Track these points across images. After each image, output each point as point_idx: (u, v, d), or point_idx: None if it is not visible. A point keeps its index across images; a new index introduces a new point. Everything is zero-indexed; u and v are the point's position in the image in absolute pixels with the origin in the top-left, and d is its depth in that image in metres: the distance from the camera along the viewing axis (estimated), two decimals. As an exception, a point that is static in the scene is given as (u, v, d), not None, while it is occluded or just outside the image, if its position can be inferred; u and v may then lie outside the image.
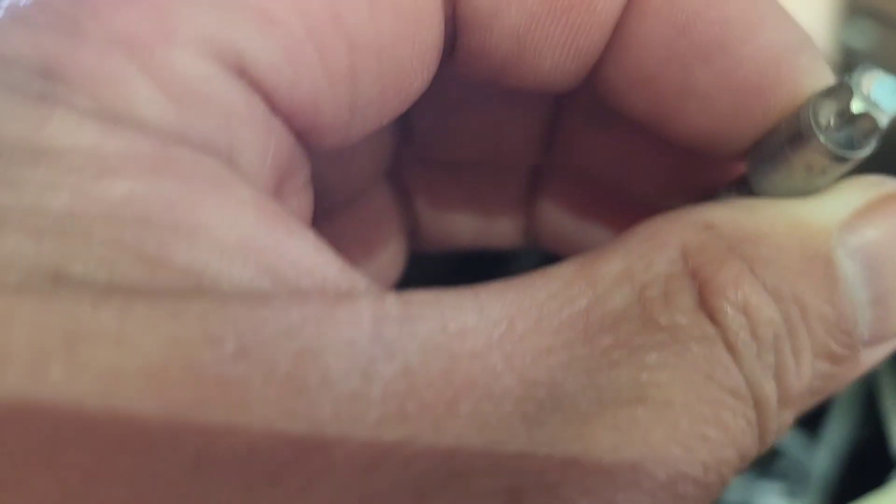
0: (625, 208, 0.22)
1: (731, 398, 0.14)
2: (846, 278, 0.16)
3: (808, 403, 0.16)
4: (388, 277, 0.23)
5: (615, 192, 0.21)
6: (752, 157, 0.17)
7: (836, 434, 0.80)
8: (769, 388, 0.15)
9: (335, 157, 0.19)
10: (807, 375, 0.15)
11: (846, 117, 0.15)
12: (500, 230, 0.23)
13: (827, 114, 0.15)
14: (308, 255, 0.13)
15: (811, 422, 0.85)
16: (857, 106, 0.14)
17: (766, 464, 0.85)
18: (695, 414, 0.13)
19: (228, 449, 0.10)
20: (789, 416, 0.15)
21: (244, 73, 0.14)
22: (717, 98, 0.17)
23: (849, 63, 0.77)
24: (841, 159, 0.15)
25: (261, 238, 0.13)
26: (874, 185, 0.17)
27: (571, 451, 0.12)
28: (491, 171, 0.23)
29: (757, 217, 0.16)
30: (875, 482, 0.74)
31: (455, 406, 0.12)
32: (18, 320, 0.10)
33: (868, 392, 0.78)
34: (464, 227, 0.23)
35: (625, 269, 0.15)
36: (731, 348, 0.14)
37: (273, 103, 0.15)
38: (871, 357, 0.17)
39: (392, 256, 0.23)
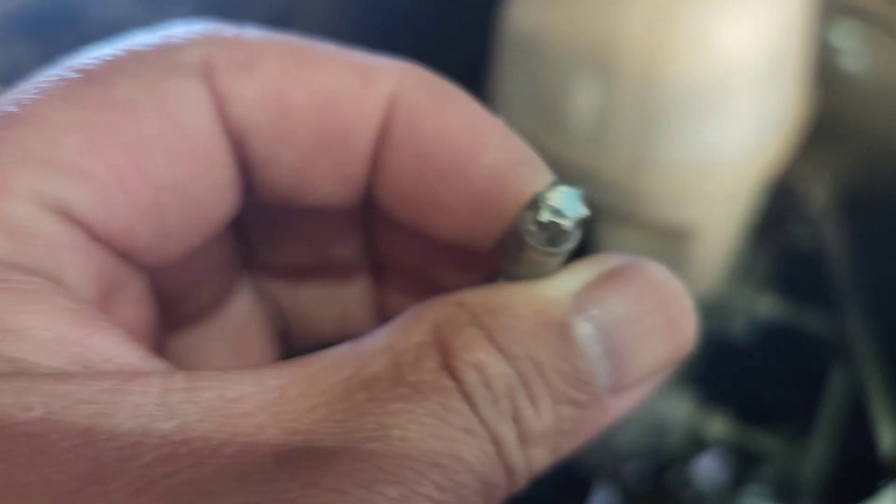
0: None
1: (464, 435, 0.17)
2: (580, 338, 0.19)
3: (568, 442, 0.19)
4: None
5: (434, 282, 0.26)
6: (502, 250, 0.21)
7: (824, 441, 0.80)
8: (505, 428, 0.18)
9: (180, 270, 0.23)
10: (548, 417, 0.18)
11: (540, 225, 0.18)
12: (359, 321, 0.28)
13: (530, 221, 0.19)
14: (112, 347, 0.17)
15: (799, 430, 0.84)
16: (544, 216, 0.18)
17: (752, 471, 0.84)
18: (427, 447, 0.17)
19: (27, 484, 0.15)
20: (540, 451, 0.18)
21: (66, 214, 0.19)
22: (459, 208, 0.21)
23: (832, 62, 0.76)
24: (550, 254, 0.19)
25: (72, 335, 0.17)
26: (600, 262, 0.20)
27: (312, 478, 0.16)
28: (338, 270, 0.27)
29: (501, 294, 0.19)
30: (865, 490, 0.73)
31: (220, 449, 0.16)
32: None
33: (856, 399, 0.77)
34: (327, 321, 0.28)
35: (387, 342, 0.18)
36: (466, 397, 0.17)
37: (92, 234, 0.20)
38: (623, 402, 0.20)
39: (266, 355, 0.28)
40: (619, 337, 0.19)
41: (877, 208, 0.79)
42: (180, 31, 0.21)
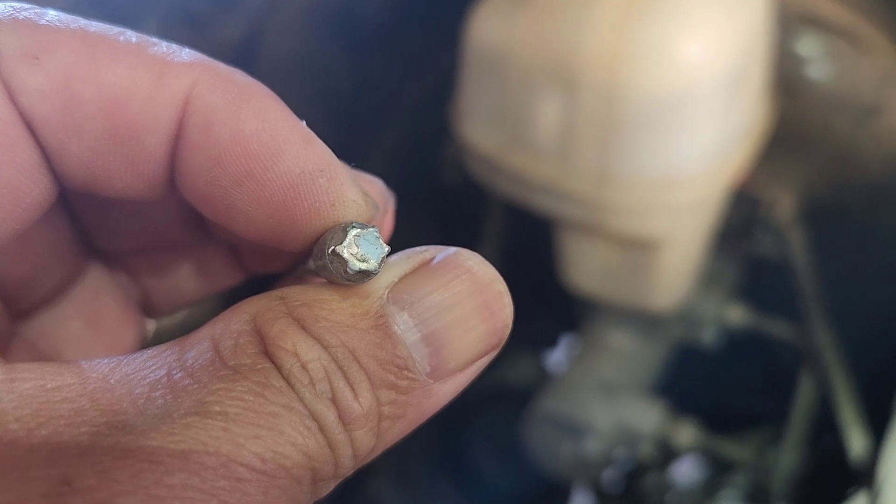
0: None
1: (284, 411, 0.18)
2: (396, 325, 0.20)
3: (395, 426, 0.20)
4: (129, 346, 0.28)
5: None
6: (313, 255, 0.22)
7: (794, 447, 0.80)
8: (324, 408, 0.19)
9: (11, 259, 0.24)
10: (367, 400, 0.19)
11: (335, 254, 0.20)
12: (219, 278, 0.28)
13: (334, 259, 0.20)
14: None
15: (769, 436, 0.85)
16: (352, 266, 0.20)
17: (726, 476, 0.84)
18: (246, 420, 0.18)
19: None
20: (364, 434, 0.19)
21: None
22: (255, 213, 0.21)
23: (797, 71, 0.77)
24: (345, 277, 0.20)
25: None
26: (416, 254, 0.21)
27: (126, 450, 0.17)
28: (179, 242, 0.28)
29: (321, 290, 0.20)
30: (835, 495, 0.73)
31: (35, 431, 0.17)
32: None
33: (825, 406, 0.77)
34: (184, 283, 0.28)
35: (209, 332, 0.19)
36: (286, 378, 0.18)
37: None
38: (448, 387, 0.21)
39: (123, 326, 0.28)
40: (435, 323, 0.20)
41: (842, 215, 0.80)
42: None
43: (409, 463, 0.89)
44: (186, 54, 0.21)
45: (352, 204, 0.21)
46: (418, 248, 0.21)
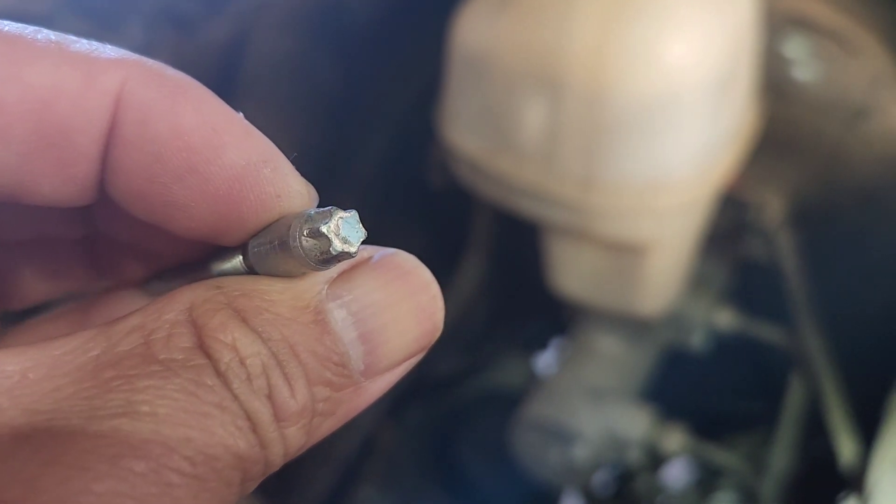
0: None
1: (216, 411, 0.18)
2: (334, 322, 0.20)
3: (325, 424, 0.20)
4: None
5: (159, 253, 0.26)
6: (253, 245, 0.21)
7: (784, 452, 0.80)
8: (260, 405, 0.18)
9: None
10: (303, 397, 0.19)
11: (317, 233, 0.19)
12: (74, 278, 0.27)
13: (303, 241, 0.19)
14: None
15: (759, 441, 0.84)
16: (334, 247, 0.19)
17: (716, 480, 0.84)
18: (177, 421, 0.17)
19: None
20: (296, 431, 0.19)
21: None
22: (197, 207, 0.21)
23: (785, 73, 0.76)
24: (320, 269, 0.20)
25: None
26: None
27: (53, 455, 0.16)
28: (52, 241, 0.27)
29: (259, 281, 0.20)
30: (825, 500, 0.73)
31: None
32: None
33: (815, 410, 0.77)
34: (39, 282, 0.27)
35: (139, 322, 0.19)
36: (220, 375, 0.18)
37: None
38: (377, 386, 0.21)
39: None
40: (373, 322, 0.20)
41: (831, 218, 0.79)
42: None
43: (399, 468, 0.89)
44: (111, 50, 0.21)
45: (297, 194, 0.21)
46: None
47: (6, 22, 0.20)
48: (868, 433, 0.69)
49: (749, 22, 0.66)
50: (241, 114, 0.21)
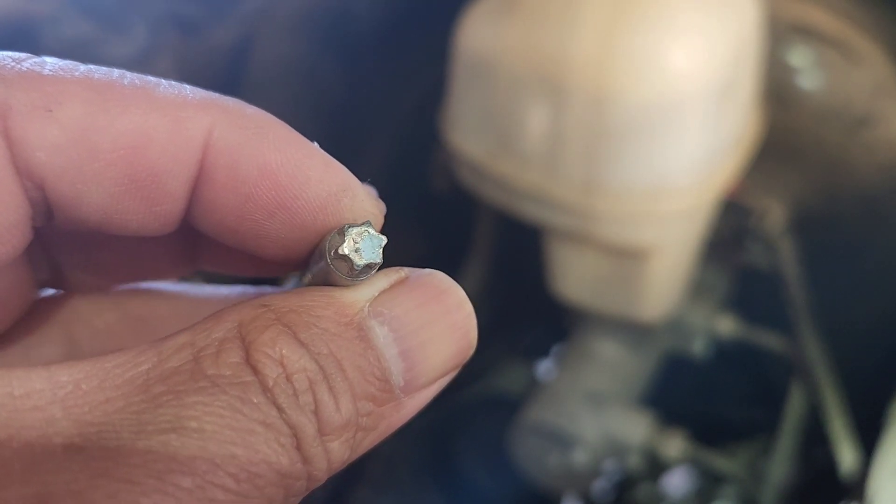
0: None
1: (261, 428, 0.18)
2: (377, 338, 0.20)
3: (367, 438, 0.20)
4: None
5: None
6: (310, 262, 0.23)
7: (785, 459, 0.80)
8: (306, 421, 0.19)
9: None
10: (348, 412, 0.19)
11: (340, 255, 0.20)
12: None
13: (335, 250, 0.21)
14: None
15: (760, 448, 0.84)
16: (344, 248, 0.20)
17: (717, 488, 0.84)
18: (223, 438, 0.18)
19: None
20: (339, 445, 0.19)
21: None
22: (286, 238, 0.22)
23: (789, 81, 0.77)
24: (350, 282, 0.21)
25: None
26: (395, 273, 0.22)
27: (102, 468, 0.17)
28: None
29: (304, 297, 0.20)
30: (825, 508, 0.73)
31: (6, 443, 0.17)
32: None
33: (815, 417, 0.77)
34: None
35: (189, 338, 0.19)
36: (267, 391, 0.18)
37: None
38: (415, 402, 0.21)
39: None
40: (413, 339, 0.21)
41: (832, 226, 0.79)
42: None
43: (398, 471, 0.89)
44: (195, 92, 0.22)
45: (371, 217, 0.22)
46: (392, 268, 0.22)
47: (93, 67, 0.21)
48: (868, 442, 0.69)
49: (752, 29, 0.66)
50: (317, 143, 0.23)
